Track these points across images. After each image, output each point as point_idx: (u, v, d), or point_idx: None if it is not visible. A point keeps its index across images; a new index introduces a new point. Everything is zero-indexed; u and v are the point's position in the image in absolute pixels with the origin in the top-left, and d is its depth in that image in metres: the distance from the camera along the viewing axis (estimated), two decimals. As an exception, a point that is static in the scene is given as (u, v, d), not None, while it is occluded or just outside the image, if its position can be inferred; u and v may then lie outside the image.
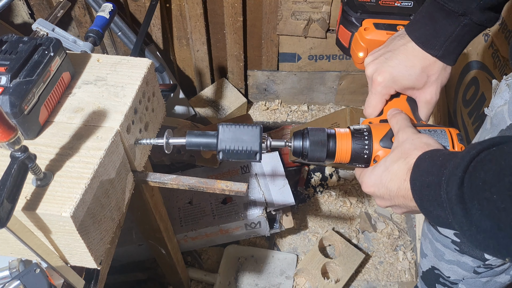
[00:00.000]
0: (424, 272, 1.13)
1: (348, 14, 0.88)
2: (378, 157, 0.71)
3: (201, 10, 1.78)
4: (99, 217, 0.72)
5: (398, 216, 1.81)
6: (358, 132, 0.74)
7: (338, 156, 0.74)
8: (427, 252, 1.07)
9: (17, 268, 0.74)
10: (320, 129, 0.75)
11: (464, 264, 0.96)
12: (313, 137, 0.74)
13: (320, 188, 1.89)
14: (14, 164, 0.60)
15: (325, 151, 0.74)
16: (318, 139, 0.74)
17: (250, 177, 1.63)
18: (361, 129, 0.75)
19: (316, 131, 0.74)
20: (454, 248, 0.95)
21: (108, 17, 1.06)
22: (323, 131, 0.74)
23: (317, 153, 0.74)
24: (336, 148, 0.74)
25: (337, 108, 2.18)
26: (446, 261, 1.00)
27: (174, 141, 0.78)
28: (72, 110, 0.76)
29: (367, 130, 0.74)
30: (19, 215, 0.64)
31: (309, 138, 0.74)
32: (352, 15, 0.87)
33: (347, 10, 0.88)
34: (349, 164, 0.75)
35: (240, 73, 2.07)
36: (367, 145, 0.73)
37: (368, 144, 0.73)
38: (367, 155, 0.73)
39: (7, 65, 0.70)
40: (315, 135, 0.74)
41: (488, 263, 0.93)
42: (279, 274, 1.63)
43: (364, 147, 0.73)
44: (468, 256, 0.94)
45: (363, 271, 1.66)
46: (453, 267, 0.99)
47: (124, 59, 0.85)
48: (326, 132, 0.74)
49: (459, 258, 0.96)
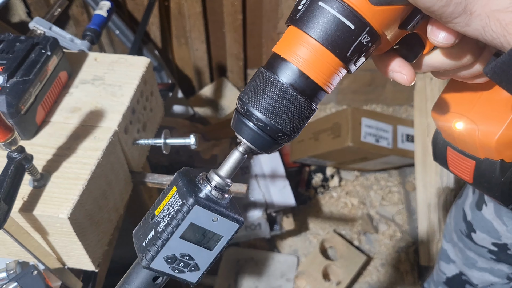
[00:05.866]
0: (449, 278, 1.12)
1: None
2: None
3: (200, 8, 1.77)
4: (97, 218, 0.71)
5: (400, 217, 1.79)
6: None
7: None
8: (455, 258, 1.06)
9: (15, 270, 0.73)
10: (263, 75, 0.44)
11: (499, 271, 0.95)
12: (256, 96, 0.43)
13: (321, 189, 1.88)
14: (10, 165, 0.60)
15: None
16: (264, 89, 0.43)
17: (250, 177, 1.62)
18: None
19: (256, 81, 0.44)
20: (490, 257, 0.94)
21: (106, 15, 1.05)
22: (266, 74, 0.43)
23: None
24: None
25: (339, 108, 2.16)
26: (477, 268, 0.99)
27: (172, 142, 0.77)
28: (69, 110, 0.75)
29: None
30: (16, 216, 0.64)
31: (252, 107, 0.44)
32: None
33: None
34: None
35: (240, 72, 2.07)
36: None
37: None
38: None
39: (4, 64, 0.69)
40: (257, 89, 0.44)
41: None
42: (279, 277, 1.62)
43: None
44: (504, 264, 0.93)
45: (364, 273, 1.65)
46: (484, 274, 0.98)
47: (122, 58, 0.84)
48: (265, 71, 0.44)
49: (493, 265, 0.95)
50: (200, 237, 0.46)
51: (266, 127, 0.43)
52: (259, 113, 0.43)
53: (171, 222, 0.44)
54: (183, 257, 0.46)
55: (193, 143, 0.79)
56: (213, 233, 0.46)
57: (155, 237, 0.45)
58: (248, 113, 0.43)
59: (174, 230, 0.44)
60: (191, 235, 0.45)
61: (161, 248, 0.45)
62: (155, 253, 0.45)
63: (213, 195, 0.46)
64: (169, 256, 0.46)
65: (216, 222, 0.45)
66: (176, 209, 0.44)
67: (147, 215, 0.47)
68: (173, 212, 0.44)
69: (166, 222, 0.44)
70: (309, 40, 0.41)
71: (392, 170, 1.93)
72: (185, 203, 0.43)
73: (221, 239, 0.47)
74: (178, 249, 0.45)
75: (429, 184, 1.63)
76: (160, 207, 0.46)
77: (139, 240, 0.46)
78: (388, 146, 1.76)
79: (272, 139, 0.44)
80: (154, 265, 0.46)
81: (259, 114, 0.43)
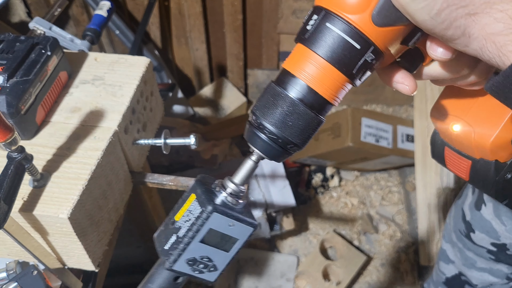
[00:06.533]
0: (448, 278, 1.12)
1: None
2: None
3: (200, 8, 1.77)
4: (97, 218, 0.71)
5: (400, 217, 1.79)
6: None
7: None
8: (454, 259, 1.06)
9: (15, 270, 0.73)
10: (273, 91, 0.46)
11: (498, 271, 0.95)
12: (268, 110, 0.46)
13: (321, 189, 1.88)
14: (10, 165, 0.59)
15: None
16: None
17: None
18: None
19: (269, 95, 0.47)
20: (489, 257, 0.94)
21: (106, 15, 1.05)
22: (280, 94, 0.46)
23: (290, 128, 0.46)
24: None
25: (339, 108, 2.16)
26: (477, 268, 0.99)
27: (172, 142, 0.77)
28: (69, 110, 0.75)
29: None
30: (16, 216, 0.64)
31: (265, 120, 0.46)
32: None
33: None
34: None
35: (240, 72, 2.06)
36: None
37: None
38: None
39: (4, 64, 0.69)
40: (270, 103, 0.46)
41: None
42: (279, 277, 1.62)
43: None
44: (503, 264, 0.93)
45: (364, 273, 1.65)
46: (483, 275, 0.98)
47: (122, 58, 0.84)
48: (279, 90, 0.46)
49: (492, 266, 0.95)
50: (218, 240, 0.50)
51: (278, 139, 0.46)
52: (271, 126, 0.46)
53: (191, 227, 0.48)
54: (203, 259, 0.50)
55: (193, 143, 0.79)
56: (230, 236, 0.50)
57: (177, 241, 0.49)
58: (261, 126, 0.47)
59: (194, 235, 0.48)
60: (210, 239, 0.49)
61: (183, 252, 0.49)
62: (177, 256, 0.49)
63: (229, 201, 0.49)
64: (190, 259, 0.50)
65: (232, 226, 0.49)
66: (196, 216, 0.48)
67: (168, 220, 0.51)
68: (193, 218, 0.48)
69: (187, 228, 0.48)
70: (317, 58, 0.44)
71: (392, 170, 1.93)
72: (205, 210, 0.47)
73: (237, 241, 0.51)
74: (198, 252, 0.49)
75: (429, 184, 1.63)
76: (180, 213, 0.50)
77: (161, 244, 0.50)
78: (388, 146, 1.76)
79: (283, 150, 0.48)
80: (176, 267, 0.49)
81: (271, 127, 0.46)
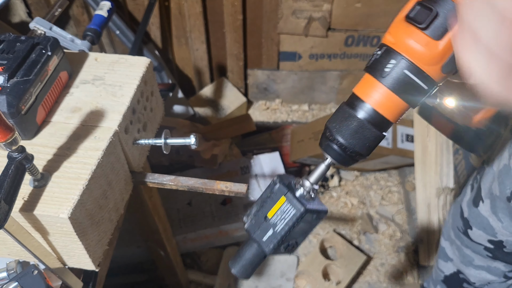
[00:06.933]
0: (447, 276, 1.12)
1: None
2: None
3: (201, 8, 1.77)
4: (97, 218, 0.71)
5: (400, 217, 1.80)
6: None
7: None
8: (452, 257, 1.06)
9: (15, 270, 0.73)
10: (345, 112, 0.59)
11: (495, 269, 0.96)
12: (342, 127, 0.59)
13: (321, 189, 1.88)
14: (11, 164, 0.59)
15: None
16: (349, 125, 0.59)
17: (250, 177, 1.62)
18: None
19: (340, 118, 0.60)
20: (486, 254, 0.94)
21: (107, 15, 1.05)
22: (351, 114, 0.59)
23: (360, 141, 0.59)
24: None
25: (338, 108, 2.17)
26: (474, 266, 0.99)
27: (172, 142, 0.77)
28: (69, 110, 0.75)
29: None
30: (16, 216, 0.64)
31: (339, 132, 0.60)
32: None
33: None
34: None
35: (240, 72, 2.06)
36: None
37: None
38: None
39: (4, 64, 0.69)
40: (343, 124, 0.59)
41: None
42: (279, 276, 1.62)
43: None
44: (500, 262, 0.94)
45: (364, 273, 1.65)
46: (481, 273, 0.98)
47: (122, 58, 0.84)
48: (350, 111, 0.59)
49: (490, 263, 0.96)
50: (305, 228, 0.65)
51: (347, 150, 0.59)
52: (342, 139, 0.58)
53: (288, 223, 0.62)
54: (291, 241, 0.65)
55: (193, 143, 0.79)
56: (312, 223, 0.65)
57: (274, 234, 0.63)
58: (334, 138, 0.59)
59: (290, 229, 0.62)
60: (298, 229, 0.63)
61: (281, 242, 0.63)
62: (277, 244, 0.63)
63: (309, 196, 0.63)
64: (284, 245, 0.64)
65: (314, 216, 0.64)
66: (292, 215, 0.62)
67: (260, 215, 0.65)
68: (288, 217, 0.62)
69: (284, 224, 0.62)
70: (392, 96, 0.55)
71: (392, 170, 1.93)
72: (299, 210, 0.61)
73: (316, 224, 0.67)
74: (290, 239, 0.64)
75: (428, 184, 1.63)
76: (272, 211, 0.64)
77: (258, 236, 0.64)
78: (388, 146, 1.76)
79: (351, 158, 0.60)
80: (273, 252, 0.64)
81: (342, 140, 0.58)
